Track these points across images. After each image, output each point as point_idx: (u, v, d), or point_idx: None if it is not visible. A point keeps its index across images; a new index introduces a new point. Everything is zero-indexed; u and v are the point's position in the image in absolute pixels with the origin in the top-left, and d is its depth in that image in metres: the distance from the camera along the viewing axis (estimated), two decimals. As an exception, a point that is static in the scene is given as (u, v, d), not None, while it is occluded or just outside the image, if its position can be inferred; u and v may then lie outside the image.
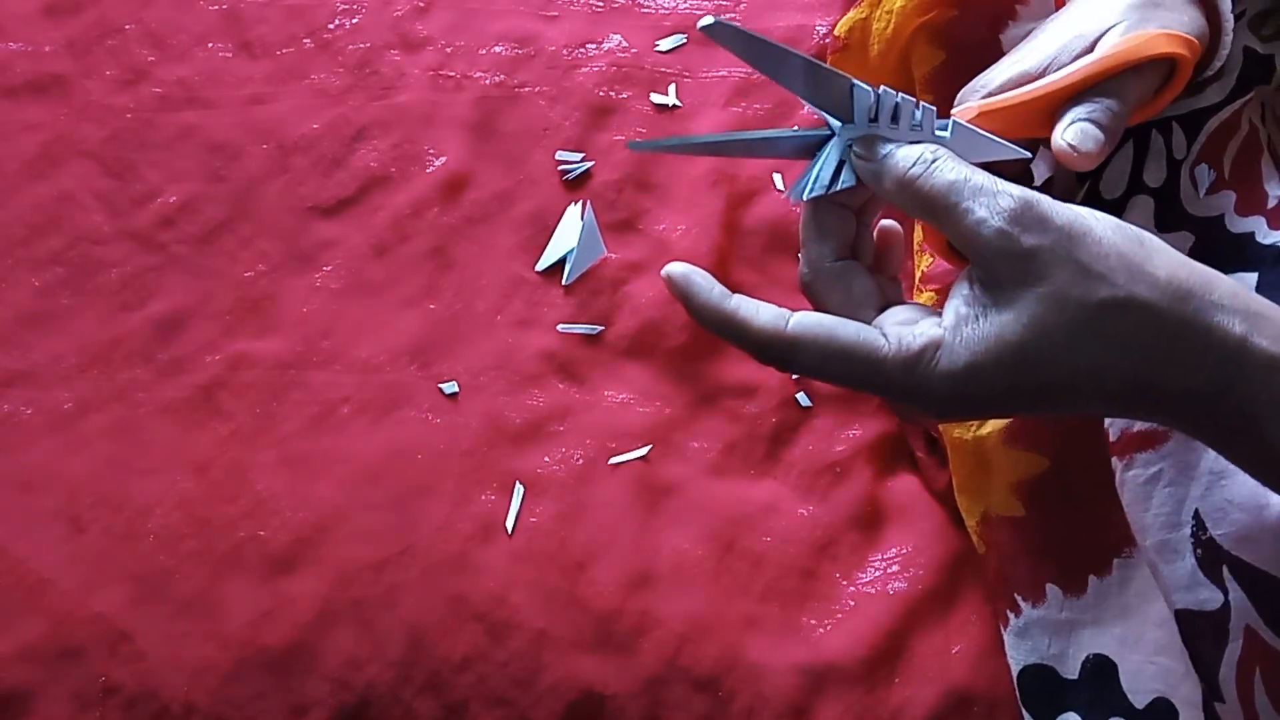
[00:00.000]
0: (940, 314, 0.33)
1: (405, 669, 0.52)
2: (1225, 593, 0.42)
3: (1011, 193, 0.32)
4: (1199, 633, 0.42)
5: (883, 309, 0.36)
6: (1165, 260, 0.32)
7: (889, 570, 0.55)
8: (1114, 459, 0.46)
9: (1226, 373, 0.31)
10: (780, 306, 0.34)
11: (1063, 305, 0.31)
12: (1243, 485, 0.42)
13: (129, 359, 0.60)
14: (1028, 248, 0.31)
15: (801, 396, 0.60)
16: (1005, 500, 0.51)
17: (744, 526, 0.56)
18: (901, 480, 0.58)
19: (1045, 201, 0.32)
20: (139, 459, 0.57)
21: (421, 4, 0.71)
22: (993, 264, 0.32)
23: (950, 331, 0.32)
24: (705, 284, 0.34)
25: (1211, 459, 0.43)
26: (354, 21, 0.70)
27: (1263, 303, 0.32)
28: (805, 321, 0.33)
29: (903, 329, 0.33)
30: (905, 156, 0.34)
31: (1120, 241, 0.31)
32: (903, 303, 0.37)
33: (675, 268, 0.35)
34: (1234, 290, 0.32)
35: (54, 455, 0.57)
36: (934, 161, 0.33)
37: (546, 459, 0.57)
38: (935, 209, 0.33)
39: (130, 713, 0.51)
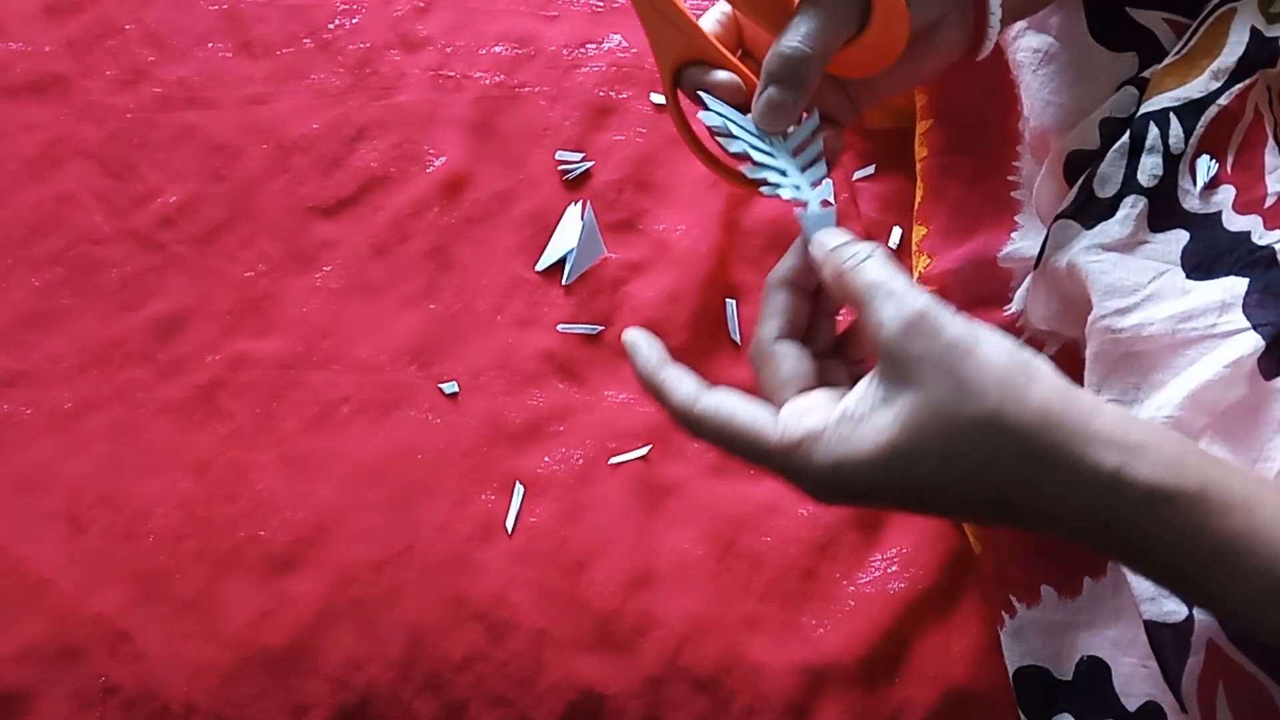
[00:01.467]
0: (850, 396, 0.35)
1: (405, 669, 0.52)
2: (1190, 605, 0.42)
3: (914, 300, 0.33)
4: (1163, 644, 0.43)
5: (812, 388, 0.38)
6: (1045, 388, 0.32)
7: (889, 570, 0.55)
8: None
9: (1104, 503, 0.31)
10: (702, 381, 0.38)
11: (935, 415, 0.32)
12: None
13: (129, 359, 0.60)
14: (915, 354, 0.33)
15: None
16: None
17: (744, 526, 0.56)
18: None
19: (943, 315, 0.33)
20: (139, 459, 0.57)
21: (421, 4, 0.70)
22: (887, 363, 0.34)
23: (830, 428, 0.34)
24: (648, 351, 0.39)
25: None
26: (354, 21, 0.70)
27: (1147, 433, 0.32)
28: (710, 402, 0.37)
29: (793, 419, 0.35)
30: (842, 249, 0.37)
31: (1004, 364, 0.32)
32: (840, 385, 0.38)
33: (631, 334, 0.40)
34: (1115, 422, 0.32)
35: (54, 455, 0.57)
36: (867, 258, 0.36)
37: (546, 459, 0.57)
38: (853, 303, 0.35)
39: (130, 713, 0.51)
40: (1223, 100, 0.46)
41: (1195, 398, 0.44)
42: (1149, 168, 0.46)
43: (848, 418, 0.34)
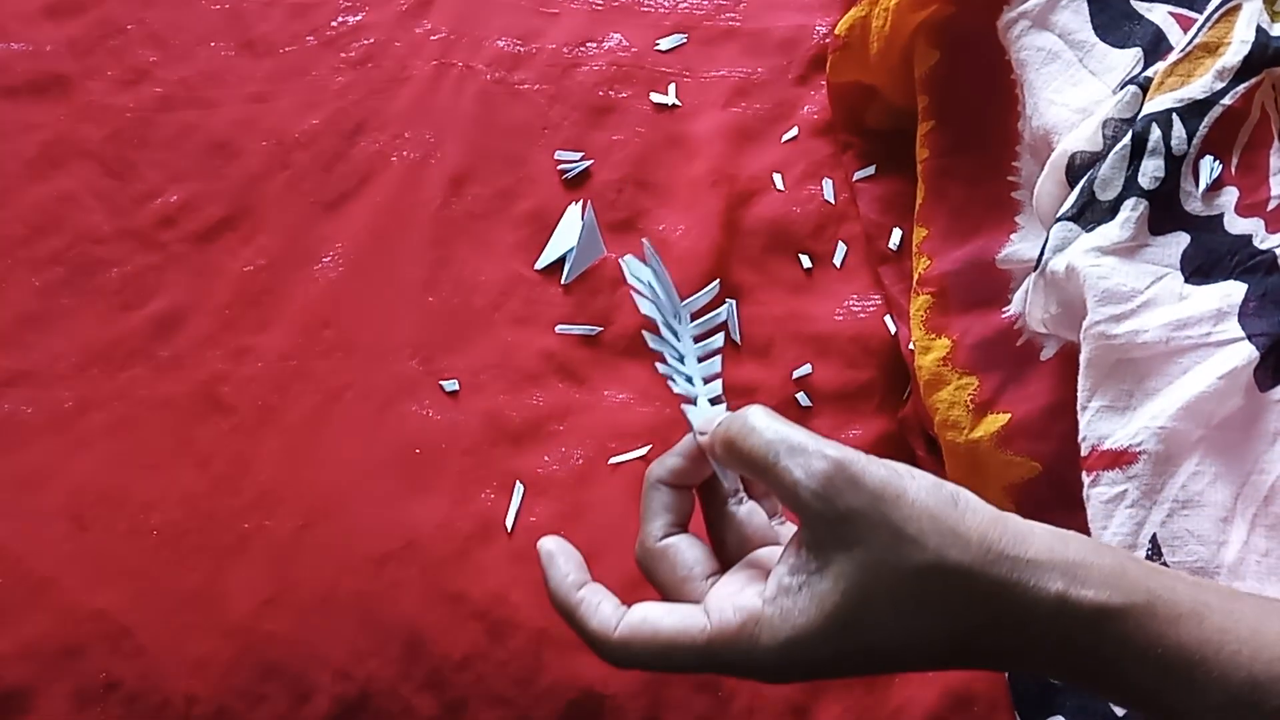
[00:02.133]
0: (779, 569, 0.33)
1: (405, 666, 0.52)
2: None
3: (826, 452, 0.31)
4: None
5: (721, 570, 0.36)
6: (978, 520, 0.31)
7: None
8: (1083, 473, 0.46)
9: (1057, 629, 0.31)
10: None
11: (878, 571, 0.31)
12: (1205, 519, 0.43)
13: (130, 357, 0.60)
14: (843, 511, 0.31)
15: (801, 396, 0.60)
16: (997, 503, 0.51)
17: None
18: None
19: (859, 462, 0.31)
20: (141, 456, 0.57)
21: (423, 2, 0.71)
22: (813, 525, 0.32)
23: (770, 604, 0.32)
24: (564, 568, 0.35)
25: (1178, 487, 0.44)
26: (356, 19, 0.70)
27: (1083, 550, 0.31)
28: (630, 622, 0.33)
29: (724, 603, 0.33)
30: (728, 419, 0.34)
31: (933, 503, 0.31)
32: (765, 542, 0.37)
33: (545, 543, 0.36)
34: (1050, 544, 0.31)
35: (56, 454, 0.57)
36: (752, 418, 0.34)
37: (546, 458, 0.57)
38: (757, 469, 0.33)
39: (132, 708, 0.51)
40: (1227, 100, 0.46)
41: (1190, 409, 0.44)
42: (1150, 170, 0.46)
43: (785, 590, 0.32)
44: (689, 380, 0.40)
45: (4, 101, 0.67)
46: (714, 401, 0.39)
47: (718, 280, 0.45)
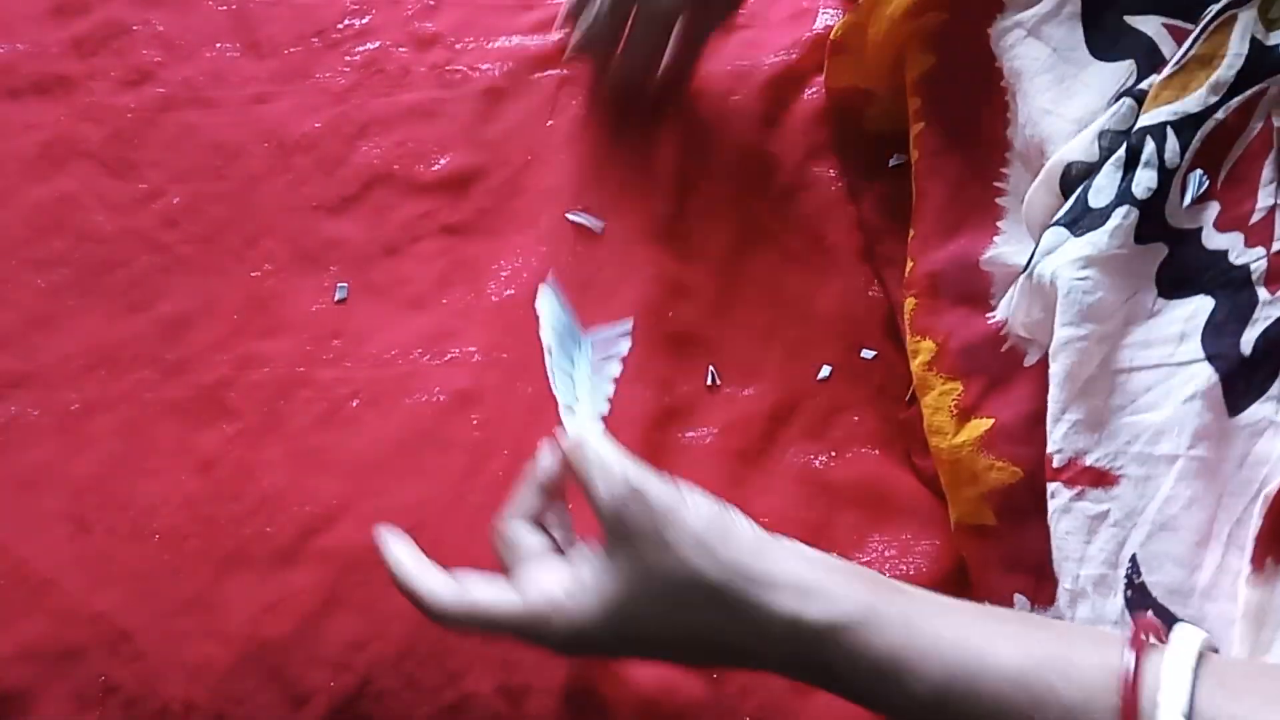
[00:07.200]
0: (581, 565, 0.40)
1: (409, 641, 0.53)
2: None
3: (627, 476, 0.39)
4: None
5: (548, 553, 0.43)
6: (738, 545, 0.37)
7: (886, 554, 0.56)
8: (1058, 484, 0.47)
9: (790, 637, 0.36)
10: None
11: (649, 575, 0.38)
12: (1181, 543, 0.44)
13: (136, 360, 0.59)
14: (629, 524, 0.38)
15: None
16: (977, 508, 0.52)
17: (742, 508, 0.56)
18: (901, 473, 0.58)
19: (650, 486, 0.38)
20: (145, 459, 0.57)
21: (432, 2, 0.71)
22: (608, 533, 0.39)
23: (567, 595, 0.39)
24: (398, 554, 0.43)
25: (1155, 510, 0.45)
26: (363, 21, 0.70)
27: (823, 573, 0.37)
28: (464, 601, 0.40)
29: (532, 590, 0.40)
30: (568, 434, 0.42)
31: (700, 527, 0.38)
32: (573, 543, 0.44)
33: (382, 534, 0.44)
34: (796, 569, 0.37)
35: (60, 456, 0.57)
36: (588, 442, 0.41)
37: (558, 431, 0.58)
38: (579, 479, 0.41)
39: (130, 712, 0.52)
40: (1220, 115, 0.46)
41: (1164, 433, 0.45)
42: (1144, 180, 0.46)
43: (581, 584, 0.39)
44: (574, 396, 0.46)
45: (8, 102, 0.66)
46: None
47: (631, 319, 0.49)
